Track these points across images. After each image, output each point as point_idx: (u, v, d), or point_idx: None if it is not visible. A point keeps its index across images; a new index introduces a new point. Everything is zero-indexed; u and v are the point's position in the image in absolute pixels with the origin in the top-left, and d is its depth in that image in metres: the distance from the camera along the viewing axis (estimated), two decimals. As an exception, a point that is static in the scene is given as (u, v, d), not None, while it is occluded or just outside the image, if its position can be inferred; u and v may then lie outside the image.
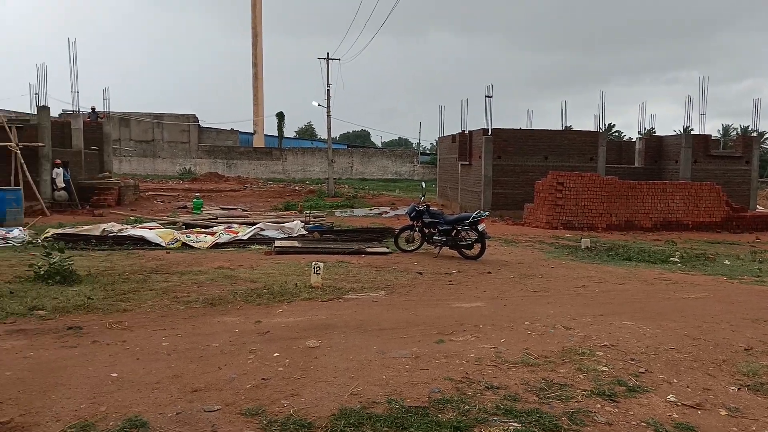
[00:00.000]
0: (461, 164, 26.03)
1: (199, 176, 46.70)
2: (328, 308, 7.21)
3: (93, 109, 30.59)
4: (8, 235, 12.79)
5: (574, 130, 27.32)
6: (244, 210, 23.15)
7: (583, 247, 14.02)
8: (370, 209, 26.24)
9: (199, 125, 56.61)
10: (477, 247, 11.79)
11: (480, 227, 11.68)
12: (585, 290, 8.95)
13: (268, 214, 20.97)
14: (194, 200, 22.58)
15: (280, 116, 60.25)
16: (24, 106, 64.37)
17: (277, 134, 61.23)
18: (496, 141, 23.02)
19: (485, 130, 23.68)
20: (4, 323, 6.21)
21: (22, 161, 19.51)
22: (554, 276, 10.15)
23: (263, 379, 4.66)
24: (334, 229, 16.04)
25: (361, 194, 33.98)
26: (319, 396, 4.36)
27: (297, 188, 38.04)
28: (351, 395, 4.38)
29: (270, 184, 42.86)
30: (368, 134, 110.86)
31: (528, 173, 22.77)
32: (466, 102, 27.73)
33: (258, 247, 13.15)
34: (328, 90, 33.96)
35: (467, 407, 4.19)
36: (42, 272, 8.28)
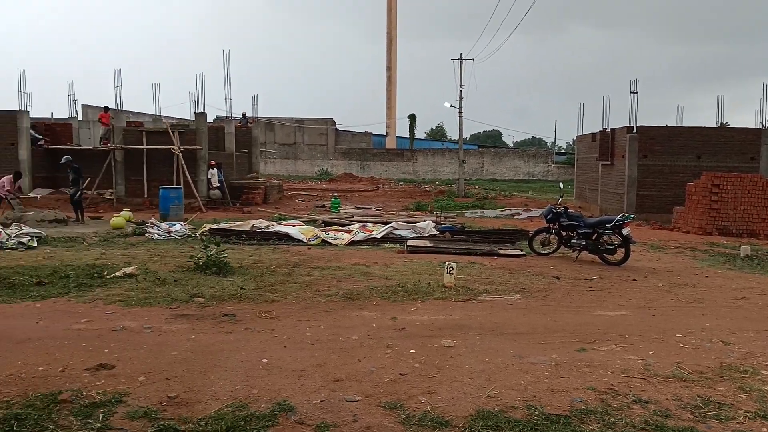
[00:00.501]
0: (602, 164, 24.69)
1: (335, 177, 48.72)
2: (462, 309, 7.19)
3: (244, 114, 33.01)
4: (171, 230, 14.20)
5: (732, 128, 24.76)
6: (377, 209, 23.77)
7: (742, 255, 12.69)
8: (502, 210, 25.75)
9: (336, 128, 59.11)
10: (620, 253, 11.11)
11: (624, 231, 11.00)
12: (746, 302, 8.10)
13: (400, 213, 21.35)
14: (332, 200, 23.57)
15: (412, 118, 61.16)
16: (184, 112, 71.21)
17: (408, 136, 62.21)
18: (642, 139, 21.54)
19: (629, 128, 22.26)
20: (170, 308, 6.91)
21: (183, 163, 21.59)
22: (709, 286, 9.30)
23: (400, 374, 4.76)
24: (466, 229, 15.95)
25: (492, 195, 33.46)
26: (455, 395, 4.37)
27: (427, 189, 38.33)
28: (488, 398, 4.34)
29: (401, 185, 43.62)
30: (499, 134, 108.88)
31: (677, 174, 21.05)
32: (608, 98, 26.17)
33: (391, 245, 13.43)
34: (460, 91, 33.83)
35: (612, 420, 3.98)
36: (201, 263, 9.11)
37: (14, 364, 4.78)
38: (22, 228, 12.89)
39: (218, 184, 22.79)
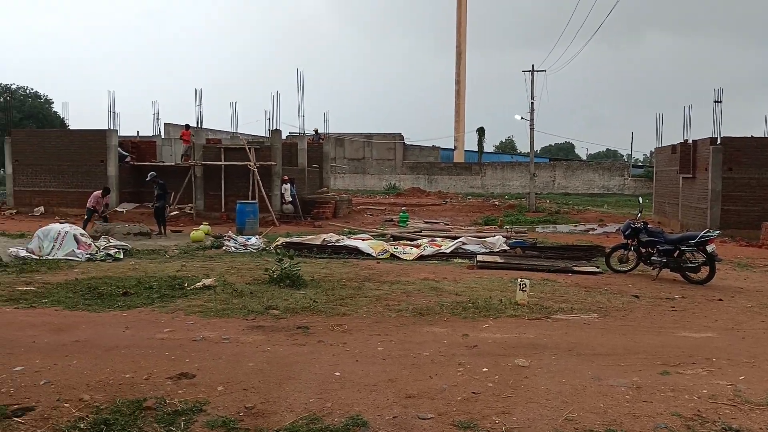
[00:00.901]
0: (683, 177, 23.54)
1: (402, 191, 48.91)
2: (536, 327, 7.01)
3: (316, 131, 33.80)
4: (247, 243, 14.68)
5: (829, 137, 23.08)
6: (445, 224, 23.65)
7: (844, 275, 11.73)
8: (575, 225, 24.99)
9: (404, 143, 59.51)
10: (704, 271, 10.52)
11: (709, 248, 10.41)
12: None
13: (468, 228, 21.15)
14: (401, 214, 23.67)
15: (481, 131, 60.68)
16: (259, 130, 73.82)
17: (476, 149, 61.74)
18: (727, 151, 20.40)
19: (713, 139, 21.14)
20: (246, 319, 7.12)
21: (258, 178, 22.33)
22: (806, 308, 8.64)
23: (473, 392, 4.69)
24: (537, 245, 15.58)
25: (565, 209, 32.55)
26: (531, 417, 4.25)
27: (496, 203, 37.79)
28: (566, 420, 4.20)
29: (469, 199, 43.24)
30: (572, 146, 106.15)
31: (766, 188, 19.78)
32: (689, 108, 25.01)
33: (460, 260, 13.31)
34: (531, 103, 33.27)
35: (702, 449, 3.75)
36: (275, 276, 9.35)
37: (103, 371, 5.05)
38: (110, 241, 13.69)
39: (291, 199, 23.38)
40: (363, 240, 15.02)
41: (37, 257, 11.90)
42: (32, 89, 63.20)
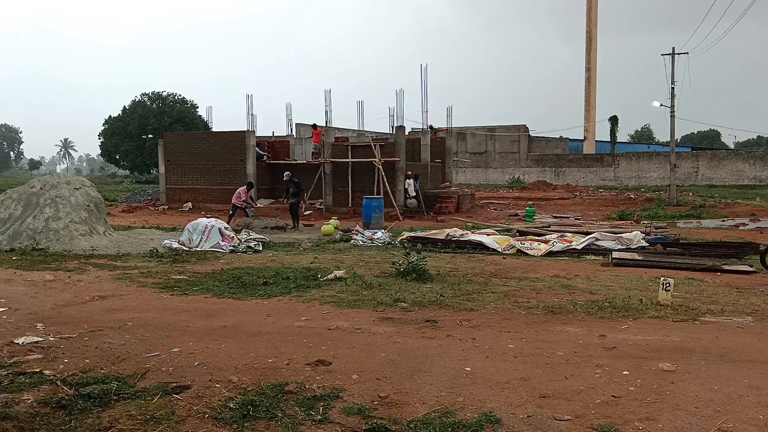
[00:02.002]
0: None
1: (527, 185, 47.57)
2: (682, 330, 6.50)
3: (431, 126, 33.72)
4: (374, 237, 15.07)
5: None
6: (576, 219, 22.66)
7: None
8: (722, 220, 22.85)
9: (529, 135, 57.77)
10: None
11: None
12: None
13: (601, 223, 20.09)
14: (527, 208, 23.06)
15: (614, 120, 57.29)
16: (383, 126, 75.38)
17: (609, 139, 58.41)
18: None
19: None
20: (376, 311, 7.30)
21: (383, 174, 22.81)
22: None
23: (613, 396, 4.45)
24: (680, 241, 14.45)
25: (710, 203, 29.87)
26: (678, 425, 3.96)
27: (631, 196, 35.53)
28: (719, 430, 3.86)
29: (600, 192, 41.06)
30: (717, 134, 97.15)
31: None
32: None
33: (593, 257, 12.69)
34: (672, 88, 30.85)
35: None
36: (402, 269, 9.51)
37: (248, 355, 5.43)
38: (250, 234, 14.68)
39: (414, 194, 23.64)
40: (487, 235, 14.82)
41: (187, 249, 13.06)
42: (180, 95, 69.42)
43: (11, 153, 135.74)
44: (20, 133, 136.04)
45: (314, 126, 27.72)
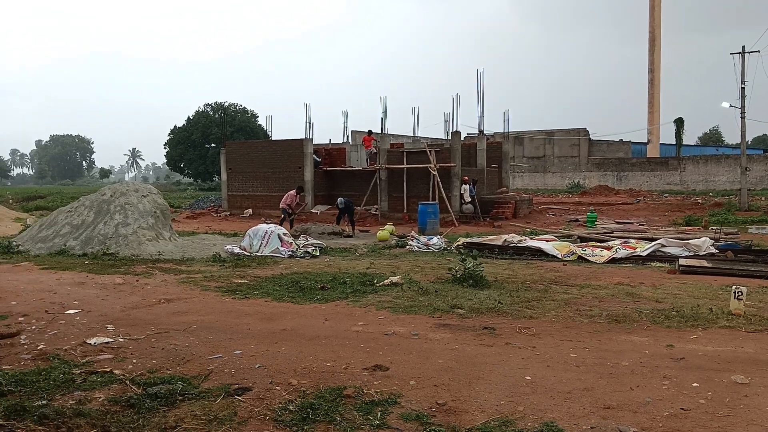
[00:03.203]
0: None
1: (588, 189, 46.26)
2: (756, 341, 6.16)
3: (481, 131, 33.06)
4: (429, 242, 15.01)
5: None
6: (640, 224, 21.88)
7: None
8: (800, 226, 21.51)
9: (589, 138, 56.27)
10: None
11: None
12: None
13: (667, 229, 19.30)
14: (588, 214, 22.43)
15: (679, 122, 55.15)
16: (439, 132, 75.25)
17: (674, 142, 56.22)
18: None
19: None
20: (433, 317, 7.27)
21: (438, 180, 22.73)
22: None
23: (682, 408, 4.26)
24: (752, 248, 13.70)
25: (787, 208, 28.19)
26: (754, 442, 3.75)
27: (699, 201, 34.00)
28: (799, 449, 3.63)
29: (665, 197, 39.48)
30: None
31: None
32: None
33: (659, 264, 12.20)
34: (742, 88, 29.37)
35: None
36: (458, 275, 9.43)
37: (307, 359, 5.51)
38: (308, 239, 14.91)
39: (470, 199, 23.42)
40: (546, 241, 14.50)
41: (248, 254, 13.38)
42: (241, 105, 71.43)
43: (83, 162, 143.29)
44: (92, 143, 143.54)
45: (369, 132, 27.95)
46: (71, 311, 7.62)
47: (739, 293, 7.27)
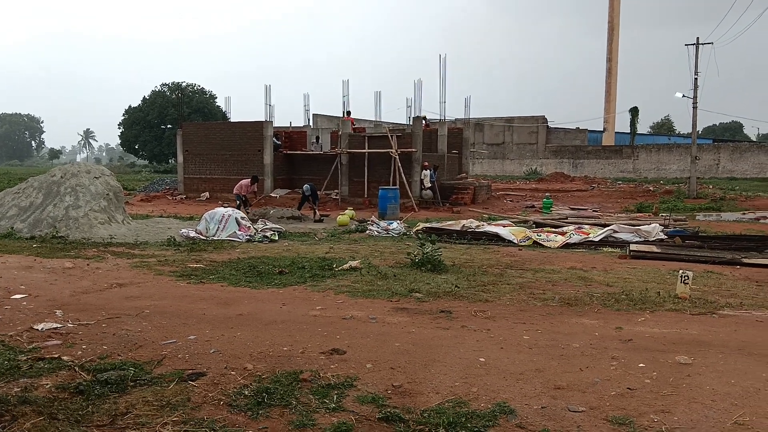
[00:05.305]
0: None
1: (544, 176, 47.14)
2: (700, 323, 6.42)
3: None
4: (389, 227, 15.05)
5: None
6: (594, 210, 22.45)
7: None
8: (743, 213, 22.45)
9: (547, 126, 57.24)
10: None
11: None
12: None
13: (619, 215, 19.87)
14: (544, 200, 22.87)
15: (634, 111, 56.60)
16: (401, 117, 75.29)
17: (628, 131, 57.70)
18: None
19: None
20: (391, 301, 7.31)
21: (399, 165, 22.76)
22: None
23: (629, 388, 4.41)
24: (699, 234, 14.24)
25: (731, 195, 29.38)
26: (694, 418, 3.92)
27: (650, 188, 35.10)
28: (735, 424, 3.82)
29: (619, 184, 40.59)
30: (740, 126, 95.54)
31: None
32: None
33: (610, 249, 12.57)
34: (695, 79, 30.32)
35: None
36: (417, 260, 9.50)
37: (264, 343, 5.47)
38: (266, 223, 14.75)
39: (430, 185, 23.55)
40: (504, 226, 14.73)
41: (204, 237, 13.16)
42: (199, 86, 69.82)
43: (32, 143, 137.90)
44: (42, 123, 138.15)
45: (348, 113, 27.54)
46: (17, 296, 7.35)
47: (686, 278, 7.55)
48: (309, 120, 37.13)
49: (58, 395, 4.21)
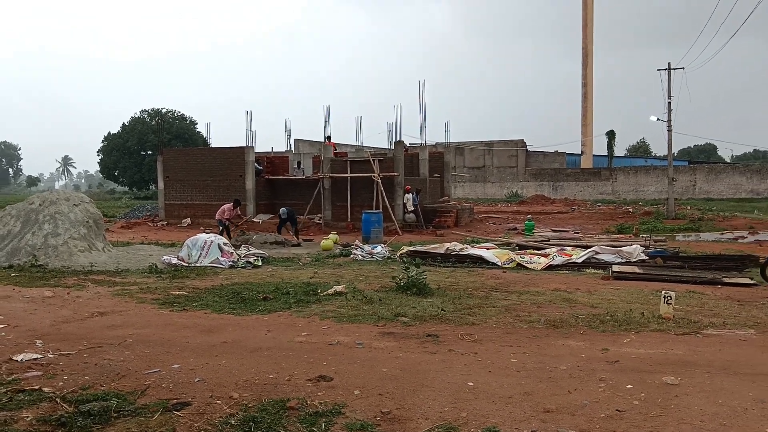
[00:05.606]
0: None
1: (525, 199, 47.65)
2: (685, 343, 6.48)
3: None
4: (373, 251, 15.03)
5: None
6: (575, 232, 22.67)
7: None
8: (721, 233, 22.83)
9: (526, 149, 58.02)
10: None
11: None
12: None
13: (600, 237, 20.08)
14: (526, 222, 23.05)
15: (611, 135, 57.69)
16: (382, 142, 75.83)
17: (606, 154, 58.68)
18: None
19: None
20: (377, 326, 7.27)
21: (382, 189, 22.84)
22: None
23: (618, 410, 4.42)
24: (680, 254, 14.44)
25: (708, 216, 29.90)
26: (684, 439, 3.93)
27: (630, 210, 35.60)
28: (725, 445, 3.83)
29: (598, 206, 41.12)
30: (714, 148, 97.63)
31: None
32: None
33: (593, 271, 12.67)
34: (669, 103, 31.05)
35: None
36: (402, 284, 9.48)
37: (249, 371, 5.39)
38: (249, 249, 14.64)
39: (413, 208, 23.63)
40: (487, 249, 14.80)
41: (186, 264, 13.01)
42: (179, 112, 69.67)
43: (10, 170, 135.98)
44: (19, 150, 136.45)
45: (329, 138, 27.72)
46: (-5, 327, 7.18)
47: (669, 298, 7.63)
48: (291, 145, 37.20)
49: (39, 428, 4.10)
